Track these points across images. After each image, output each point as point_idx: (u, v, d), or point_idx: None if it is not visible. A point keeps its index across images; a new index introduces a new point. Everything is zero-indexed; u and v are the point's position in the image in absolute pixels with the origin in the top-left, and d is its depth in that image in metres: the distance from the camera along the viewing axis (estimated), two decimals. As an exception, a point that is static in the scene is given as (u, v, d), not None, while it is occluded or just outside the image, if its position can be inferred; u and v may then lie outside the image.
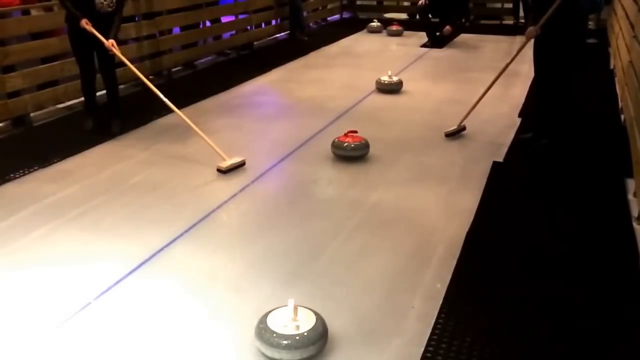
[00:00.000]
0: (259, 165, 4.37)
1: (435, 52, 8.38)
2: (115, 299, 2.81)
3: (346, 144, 4.41)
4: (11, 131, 5.21)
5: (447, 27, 8.66)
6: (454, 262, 3.07)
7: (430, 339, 2.49)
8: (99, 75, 4.97)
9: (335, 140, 4.48)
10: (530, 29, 4.17)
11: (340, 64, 7.77)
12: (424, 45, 8.72)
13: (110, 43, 4.61)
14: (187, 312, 2.70)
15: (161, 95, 4.48)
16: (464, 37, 9.24)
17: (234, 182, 4.04)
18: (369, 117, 5.47)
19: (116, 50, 4.64)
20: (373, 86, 6.40)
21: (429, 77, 7.02)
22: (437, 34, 8.82)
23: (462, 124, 4.88)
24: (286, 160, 4.51)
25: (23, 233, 3.40)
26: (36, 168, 4.31)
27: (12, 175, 4.18)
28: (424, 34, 8.99)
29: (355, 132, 4.49)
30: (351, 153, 4.41)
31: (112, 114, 5.05)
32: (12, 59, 5.12)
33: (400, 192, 3.92)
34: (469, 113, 4.86)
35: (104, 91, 5.06)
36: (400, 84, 6.19)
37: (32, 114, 5.38)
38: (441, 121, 5.16)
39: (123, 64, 4.80)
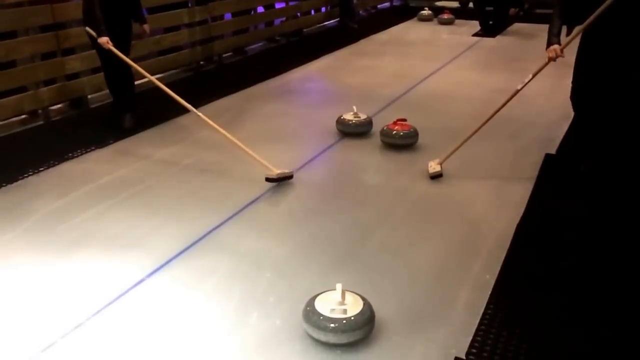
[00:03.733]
0: (308, 151, 4.39)
1: (488, 41, 8.21)
2: (166, 277, 2.89)
3: (395, 132, 4.39)
4: (69, 112, 5.40)
5: (512, 9, 8.63)
6: (503, 254, 3.02)
7: (478, 329, 2.47)
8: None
9: (384, 128, 4.45)
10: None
11: (390, 52, 7.71)
12: (475, 34, 8.56)
13: (147, 27, 4.75)
14: (235, 293, 2.75)
15: (191, 107, 4.16)
16: (517, 26, 9.02)
17: (284, 168, 4.07)
18: (418, 105, 5.42)
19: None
20: (423, 75, 6.33)
21: (480, 66, 6.89)
22: (490, 22, 8.65)
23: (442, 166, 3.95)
24: (334, 147, 4.51)
25: (79, 211, 3.53)
26: (93, 148, 4.46)
27: (70, 154, 4.34)
28: (476, 22, 8.82)
29: (405, 120, 4.46)
30: (400, 141, 4.38)
31: (125, 107, 4.82)
32: (71, 42, 5.27)
33: (448, 181, 3.88)
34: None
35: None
36: (369, 124, 4.69)
37: (89, 96, 5.56)
38: (492, 111, 5.05)
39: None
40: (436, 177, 3.90)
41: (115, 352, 2.39)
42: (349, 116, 4.71)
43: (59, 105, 5.39)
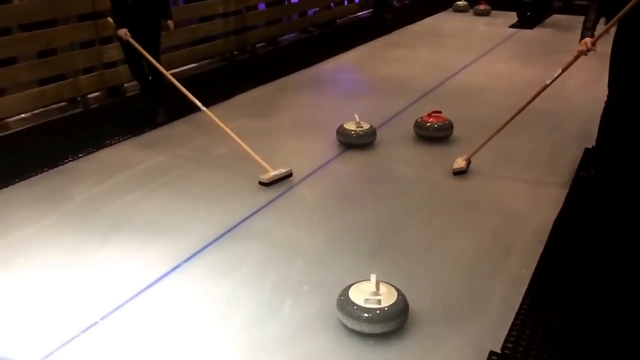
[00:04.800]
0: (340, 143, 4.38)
1: (525, 33, 8.06)
2: (202, 263, 2.93)
3: (429, 124, 4.35)
4: (106, 100, 5.49)
5: (556, 2, 8.55)
6: (540, 249, 2.98)
7: (513, 324, 2.44)
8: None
9: (418, 120, 4.42)
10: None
11: (424, 43, 7.63)
12: (513, 26, 8.41)
13: (171, 23, 4.65)
14: (268, 281, 2.77)
15: (190, 95, 4.12)
16: (556, 17, 8.84)
17: (316, 159, 4.08)
18: (453, 97, 5.36)
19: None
20: (458, 66, 6.25)
21: (517, 58, 6.77)
22: (528, 13, 8.49)
23: (469, 159, 3.92)
24: (368, 138, 4.49)
25: (116, 197, 3.59)
26: (129, 136, 4.53)
27: (107, 141, 4.42)
28: (513, 13, 8.66)
29: (439, 112, 4.41)
30: (434, 134, 4.34)
31: (156, 102, 4.80)
32: (110, 31, 5.33)
33: (484, 175, 3.83)
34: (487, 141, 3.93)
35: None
36: (373, 134, 4.27)
37: (126, 85, 5.65)
38: (529, 104, 4.96)
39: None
40: (459, 173, 3.83)
41: (151, 333, 2.43)
42: (350, 126, 4.27)
43: (97, 93, 5.49)
